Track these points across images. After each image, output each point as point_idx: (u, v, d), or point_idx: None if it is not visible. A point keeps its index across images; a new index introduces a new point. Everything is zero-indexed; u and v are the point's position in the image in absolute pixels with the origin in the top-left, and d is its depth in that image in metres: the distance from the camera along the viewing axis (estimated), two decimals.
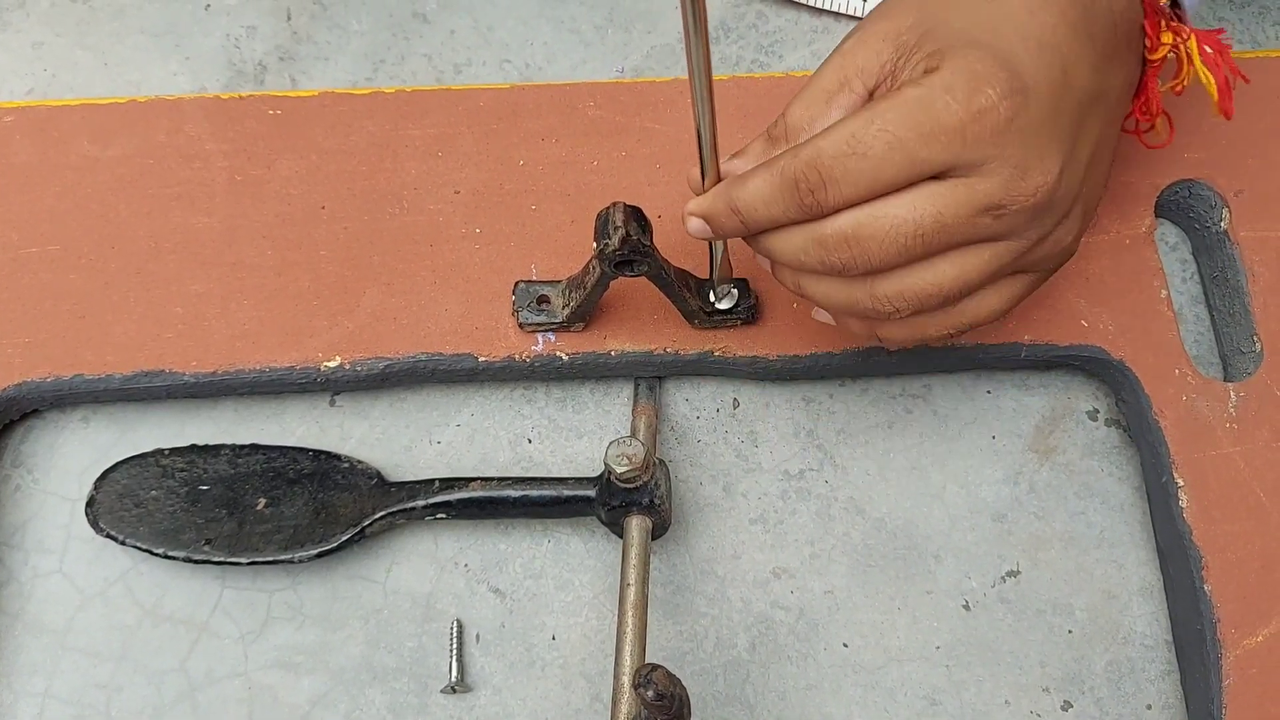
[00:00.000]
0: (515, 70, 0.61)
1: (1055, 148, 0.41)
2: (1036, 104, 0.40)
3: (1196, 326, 0.57)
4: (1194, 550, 0.49)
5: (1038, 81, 0.40)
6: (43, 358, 0.51)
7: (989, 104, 0.39)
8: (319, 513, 0.50)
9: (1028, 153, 0.40)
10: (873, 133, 0.39)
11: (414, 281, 0.53)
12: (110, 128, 0.55)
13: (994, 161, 0.39)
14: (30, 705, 0.48)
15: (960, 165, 0.39)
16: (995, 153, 0.39)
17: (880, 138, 0.39)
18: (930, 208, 0.40)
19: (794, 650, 0.50)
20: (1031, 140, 0.40)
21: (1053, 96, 0.41)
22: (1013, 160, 0.39)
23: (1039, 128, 0.40)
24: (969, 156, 0.39)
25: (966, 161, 0.39)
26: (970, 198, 0.40)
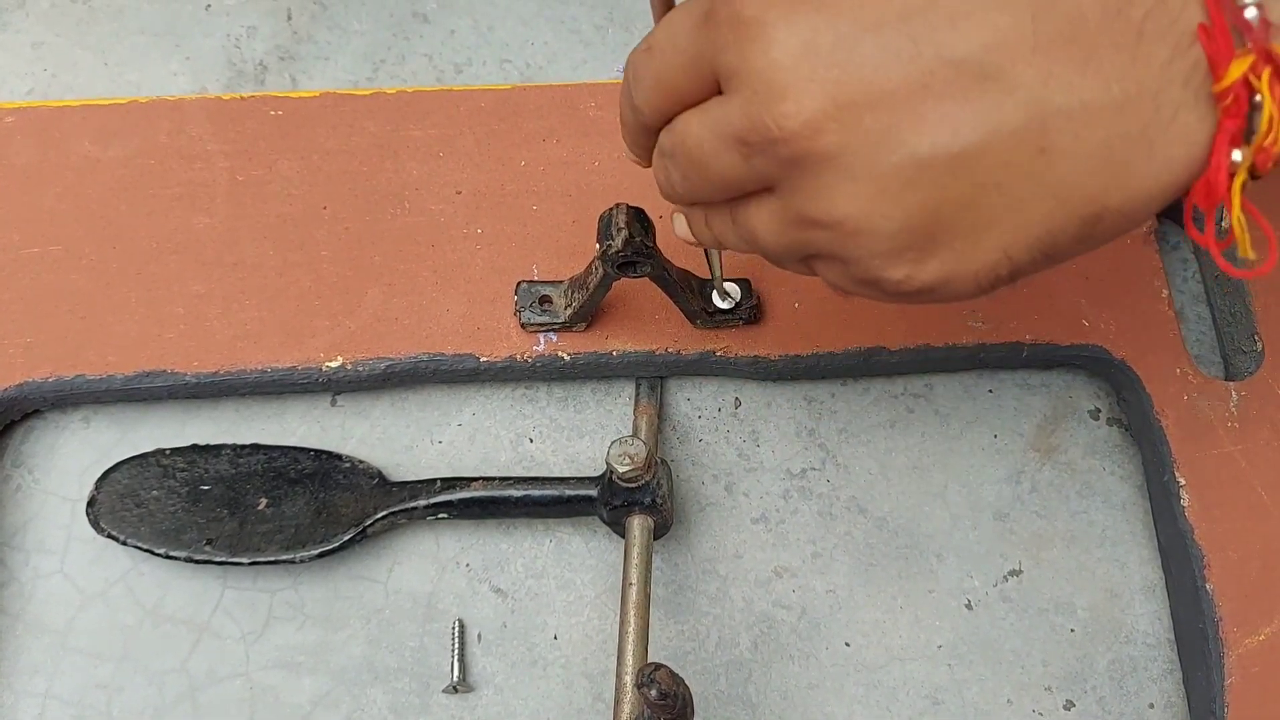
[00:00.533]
0: (516, 70, 0.61)
1: (830, 85, 0.30)
2: (820, 16, 0.30)
3: (1198, 326, 0.57)
4: (1195, 549, 0.50)
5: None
6: (44, 358, 0.51)
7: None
8: (320, 512, 0.50)
9: (781, 73, 0.30)
10: (661, 26, 0.34)
11: (415, 282, 0.53)
12: (111, 128, 0.55)
13: (740, 75, 0.31)
14: (31, 705, 0.48)
15: (720, 72, 0.32)
16: (738, 61, 0.31)
17: (664, 29, 0.34)
18: (697, 128, 0.33)
19: (796, 649, 0.50)
20: (788, 54, 0.30)
21: (863, 21, 0.30)
22: (756, 72, 0.31)
23: (809, 49, 0.30)
24: (719, 57, 0.32)
25: (720, 66, 0.32)
26: (718, 118, 0.32)
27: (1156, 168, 0.30)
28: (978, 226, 0.31)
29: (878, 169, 0.30)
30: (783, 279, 0.54)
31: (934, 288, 0.33)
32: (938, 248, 0.32)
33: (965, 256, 0.32)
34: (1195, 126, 0.30)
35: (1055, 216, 0.31)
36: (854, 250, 0.32)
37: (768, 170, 0.32)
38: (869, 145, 0.30)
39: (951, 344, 0.53)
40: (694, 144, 0.34)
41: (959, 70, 0.29)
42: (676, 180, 0.36)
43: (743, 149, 0.32)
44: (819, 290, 0.53)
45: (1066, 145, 0.30)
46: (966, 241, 0.32)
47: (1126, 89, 0.29)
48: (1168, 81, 0.29)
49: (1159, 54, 0.29)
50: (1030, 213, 0.31)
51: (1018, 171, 0.30)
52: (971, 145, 0.30)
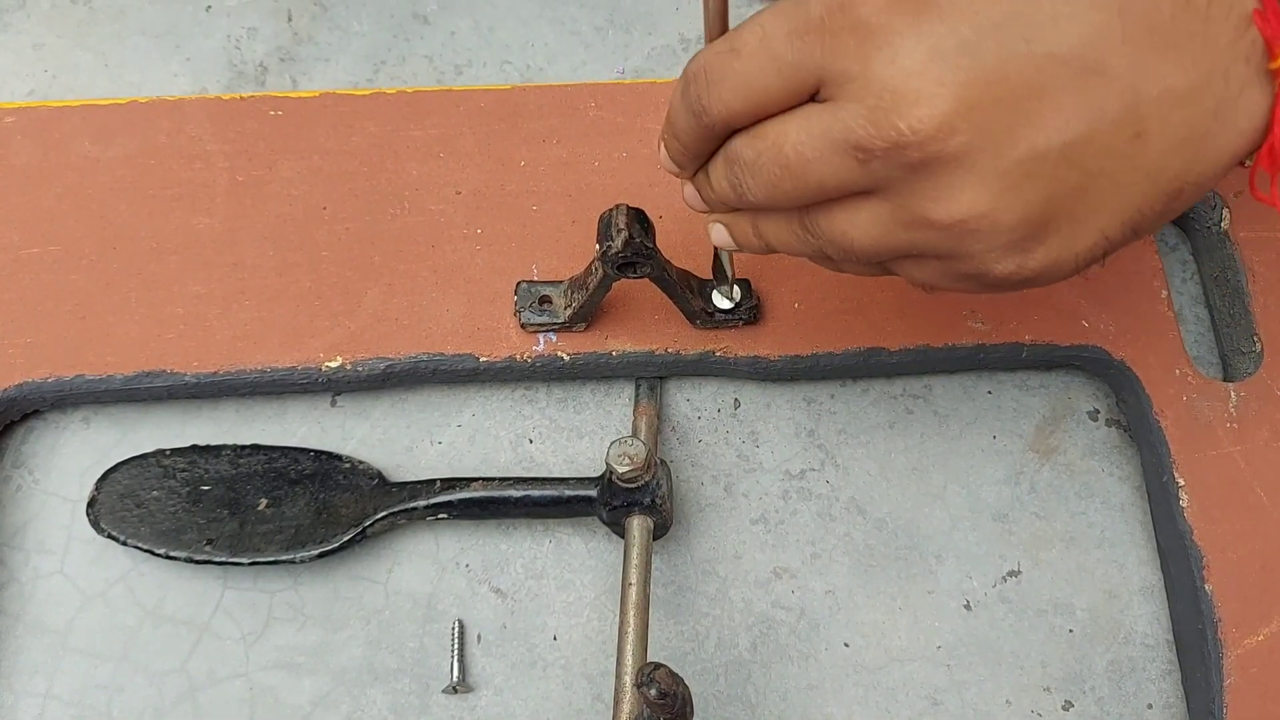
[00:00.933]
0: (516, 71, 0.61)
1: (959, 88, 0.31)
2: (943, 22, 0.31)
3: (1197, 327, 0.57)
4: (1194, 550, 0.50)
5: (960, 3, 0.32)
6: (44, 358, 0.51)
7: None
8: (320, 513, 0.50)
9: (910, 79, 0.31)
10: (748, 28, 0.34)
11: (415, 282, 0.53)
12: (111, 128, 0.55)
13: (858, 81, 0.32)
14: (31, 706, 0.48)
15: (827, 79, 0.33)
16: (859, 68, 0.32)
17: (753, 33, 0.34)
18: (796, 134, 0.34)
19: (795, 650, 0.50)
20: (916, 60, 0.31)
21: (981, 26, 0.31)
22: (883, 79, 0.31)
23: (936, 54, 0.31)
24: (832, 65, 0.32)
25: (832, 73, 0.32)
26: (830, 125, 0.33)
27: (1229, 139, 0.33)
28: (1084, 212, 0.34)
29: (1001, 165, 0.32)
30: (783, 280, 0.54)
31: (1040, 274, 0.35)
32: (1048, 235, 0.34)
33: (1070, 242, 0.34)
34: (1258, 99, 0.33)
35: (1148, 195, 0.34)
36: (969, 247, 0.34)
37: (885, 174, 0.33)
38: (994, 143, 0.32)
39: (951, 345, 0.53)
40: (793, 151, 0.34)
41: (1066, 65, 0.31)
42: (752, 189, 0.36)
43: (860, 154, 0.33)
44: (819, 291, 0.53)
45: (1157, 128, 0.32)
46: (1073, 227, 0.34)
47: (1201, 71, 0.32)
48: (1233, 61, 0.32)
49: (1224, 36, 0.32)
50: (1127, 194, 0.33)
51: (1118, 156, 0.33)
52: (1080, 135, 0.32)
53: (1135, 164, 0.33)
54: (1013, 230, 0.33)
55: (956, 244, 0.34)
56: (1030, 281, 0.35)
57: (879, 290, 0.54)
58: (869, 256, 0.36)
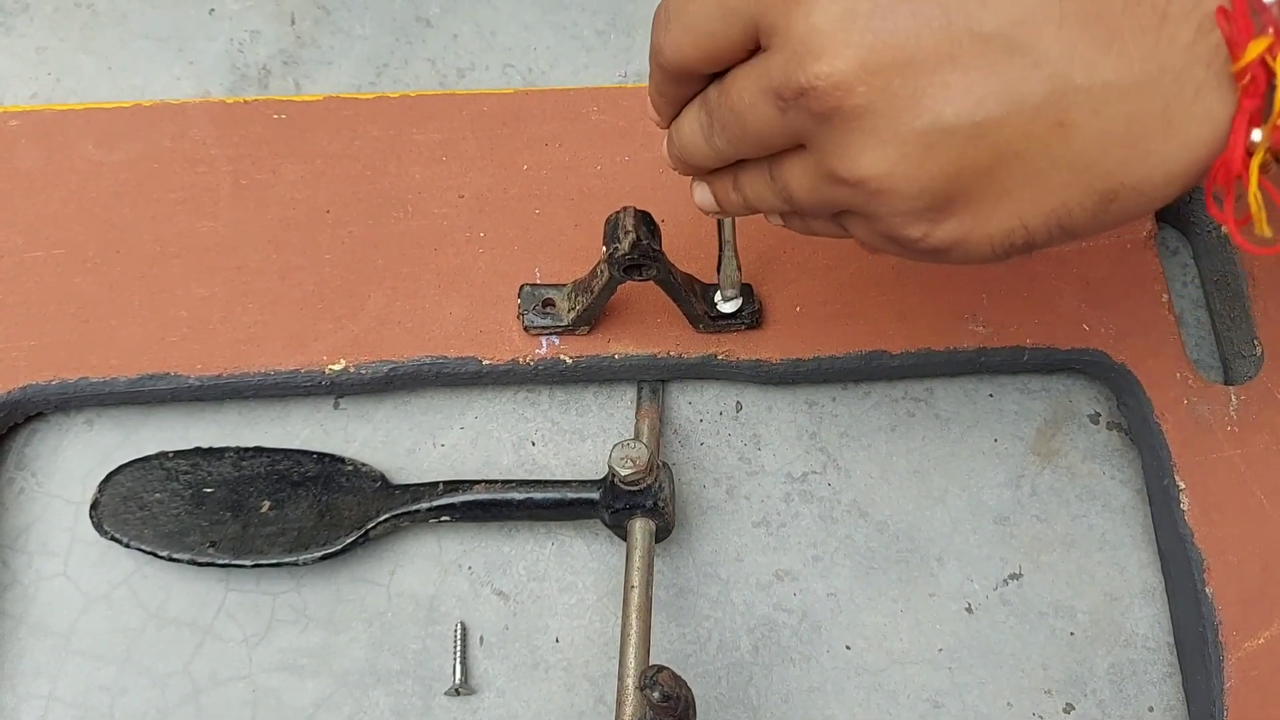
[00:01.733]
0: (518, 75, 0.61)
1: (863, 49, 0.31)
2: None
3: (1197, 330, 0.57)
4: (1195, 553, 0.50)
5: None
6: (47, 361, 0.51)
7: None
8: (323, 515, 0.50)
9: (819, 35, 0.31)
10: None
11: (418, 285, 0.53)
12: (115, 132, 0.55)
13: (781, 33, 0.33)
14: (34, 708, 0.49)
15: (762, 28, 0.33)
16: (783, 21, 0.32)
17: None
18: (741, 81, 0.35)
19: (797, 652, 0.51)
20: (828, 19, 0.31)
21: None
22: (797, 33, 0.32)
23: (849, 14, 0.31)
24: (764, 15, 0.33)
25: (765, 23, 0.33)
26: (760, 73, 0.34)
27: (1175, 146, 0.31)
28: (996, 193, 0.33)
29: (902, 132, 0.32)
30: (785, 284, 0.54)
31: (949, 247, 0.34)
32: (956, 210, 0.33)
33: (982, 220, 0.33)
34: (1216, 106, 0.31)
35: (1071, 189, 0.32)
36: (877, 207, 0.34)
37: (802, 125, 0.33)
38: (895, 108, 0.31)
39: (952, 348, 0.53)
40: (736, 96, 0.35)
41: (987, 43, 0.30)
42: (718, 135, 0.36)
43: (779, 103, 0.33)
44: (820, 295, 0.54)
45: (1085, 121, 0.31)
46: (984, 206, 0.33)
47: (1149, 69, 0.30)
48: (1190, 62, 0.30)
49: (1182, 35, 0.30)
50: (1047, 184, 0.32)
51: (1036, 143, 0.31)
52: (993, 115, 0.31)
53: (1056, 154, 0.32)
54: (915, 198, 0.33)
55: (866, 203, 0.34)
56: (943, 252, 0.35)
57: (880, 294, 0.54)
58: (809, 209, 0.37)
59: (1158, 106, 0.31)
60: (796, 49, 0.32)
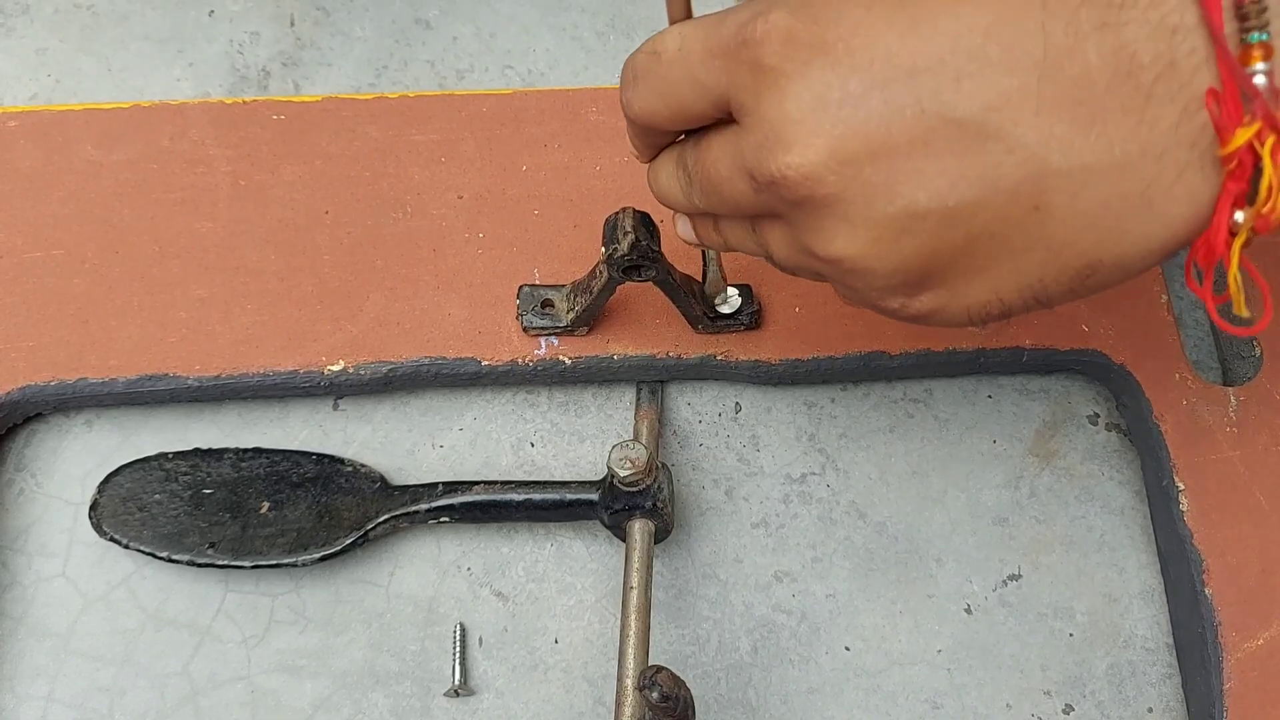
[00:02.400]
0: (517, 76, 0.62)
1: (833, 140, 0.31)
2: (834, 72, 0.31)
3: (1196, 331, 0.57)
4: (1194, 554, 0.50)
5: (861, 44, 0.31)
6: (46, 362, 0.51)
7: (761, 34, 0.32)
8: (322, 516, 0.50)
9: (789, 124, 0.31)
10: (671, 34, 0.35)
11: (417, 286, 0.53)
12: (114, 132, 0.55)
13: (752, 115, 0.33)
14: (33, 709, 0.48)
15: (734, 104, 0.33)
16: (753, 104, 0.32)
17: (674, 41, 0.34)
18: (715, 151, 0.35)
19: (796, 653, 0.51)
20: (799, 108, 0.31)
21: (873, 79, 0.31)
22: (769, 120, 0.32)
23: (819, 103, 0.31)
24: (735, 94, 0.33)
25: (736, 101, 0.33)
26: (733, 150, 0.34)
27: (1156, 226, 0.31)
28: (970, 270, 0.33)
29: (873, 217, 0.32)
30: (784, 285, 0.54)
31: (926, 316, 0.35)
32: (932, 285, 0.34)
33: (958, 295, 0.34)
34: (1199, 187, 0.30)
35: (1048, 267, 0.32)
36: (853, 282, 0.34)
37: (776, 205, 0.34)
38: (866, 195, 0.31)
39: (951, 349, 0.53)
40: (712, 166, 0.35)
41: (960, 129, 0.30)
42: (696, 196, 0.37)
43: (752, 183, 0.33)
44: (820, 296, 0.54)
45: (1061, 204, 0.31)
46: (959, 283, 0.33)
47: (1130, 151, 0.30)
48: (1174, 144, 0.30)
49: (1167, 117, 0.29)
50: (1022, 262, 0.32)
51: (1012, 225, 0.31)
52: (967, 200, 0.31)
53: (1033, 235, 0.31)
54: (889, 276, 0.33)
55: (842, 277, 0.34)
56: (922, 319, 0.35)
57: None
58: (789, 268, 0.37)
59: (1138, 187, 0.30)
60: (767, 136, 0.32)
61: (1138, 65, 0.29)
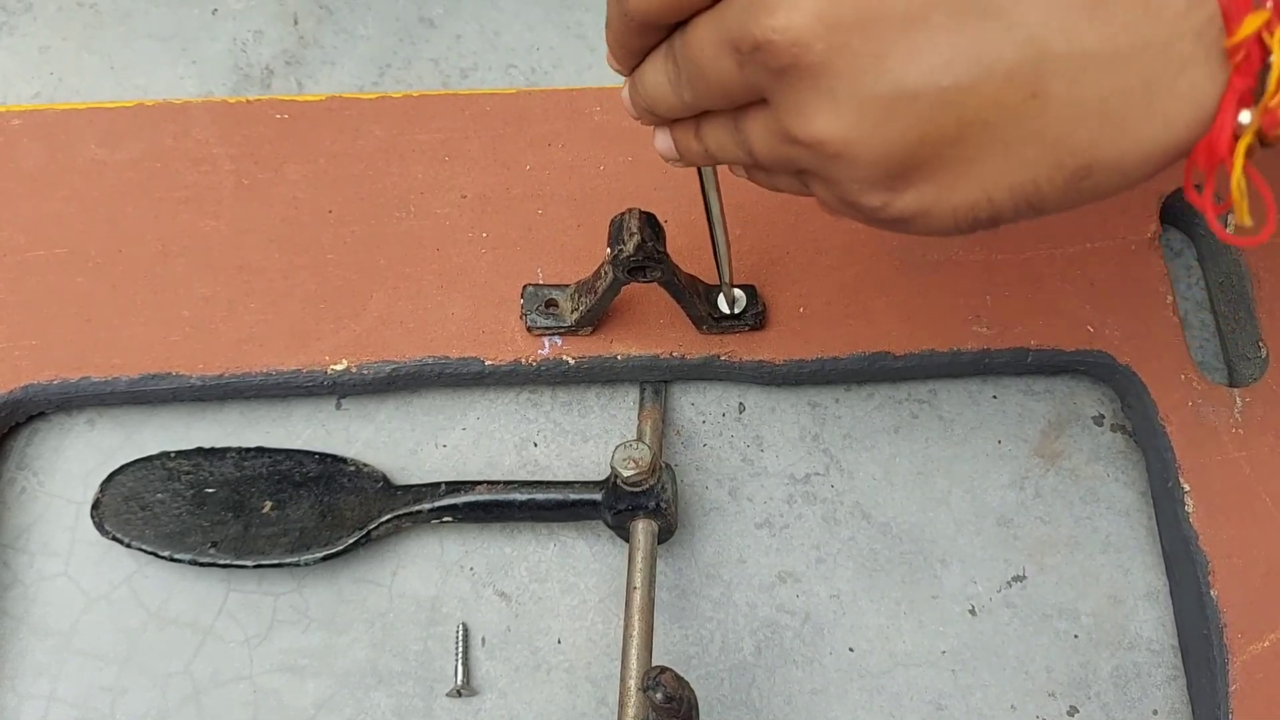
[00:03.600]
0: (521, 75, 0.61)
1: (824, 2, 0.29)
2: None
3: (1202, 332, 0.57)
4: (1200, 555, 0.49)
5: None
6: (49, 360, 0.51)
7: None
8: (325, 516, 0.50)
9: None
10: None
11: (421, 285, 0.53)
12: (117, 131, 0.55)
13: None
14: (35, 708, 0.48)
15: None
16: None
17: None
18: (701, 30, 0.32)
19: (800, 654, 0.50)
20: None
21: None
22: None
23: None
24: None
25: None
26: (719, 22, 0.32)
27: (1155, 124, 0.29)
28: (960, 163, 0.31)
29: (860, 94, 0.30)
30: (788, 285, 0.54)
31: (910, 218, 0.33)
32: (917, 179, 0.31)
33: (944, 191, 0.32)
34: (1202, 84, 0.29)
35: (1041, 163, 0.30)
36: (834, 172, 0.32)
37: (760, 80, 0.31)
38: (854, 69, 0.29)
39: (956, 349, 0.53)
40: (696, 46, 0.33)
41: (961, 3, 0.28)
42: (685, 87, 0.34)
43: (737, 55, 0.31)
44: (824, 296, 0.53)
45: (1060, 91, 0.29)
46: (947, 177, 0.31)
47: (1133, 40, 0.28)
48: (1179, 35, 0.28)
49: (1173, 4, 0.28)
50: (1015, 156, 0.30)
51: (1006, 113, 0.29)
52: (962, 81, 0.29)
53: (1028, 126, 0.29)
54: (873, 165, 0.31)
55: (823, 166, 0.32)
56: (904, 223, 0.33)
57: (884, 295, 0.54)
58: (770, 166, 0.35)
59: (1139, 80, 0.29)
60: (754, 0, 0.30)
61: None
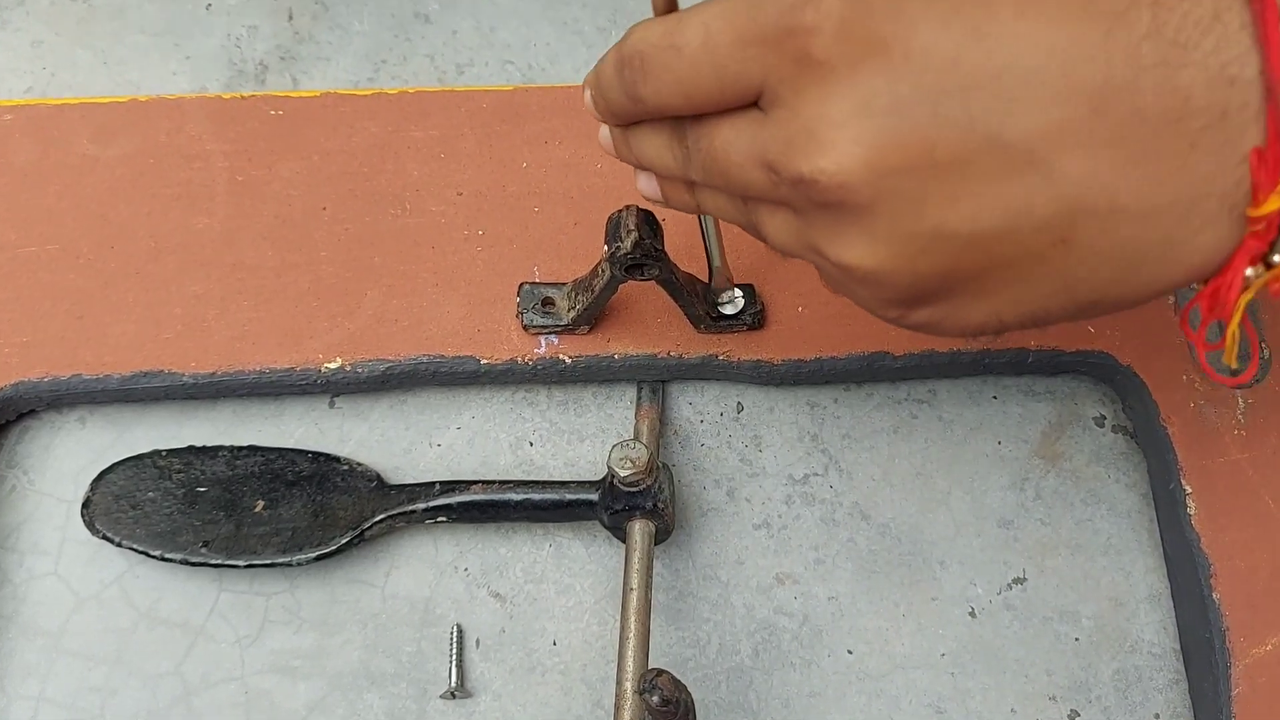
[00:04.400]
0: (518, 72, 0.61)
1: (873, 150, 0.30)
2: (885, 76, 0.29)
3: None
4: (1202, 558, 0.49)
5: (919, 48, 0.29)
6: (40, 358, 0.50)
7: (813, 23, 0.30)
8: (317, 515, 0.49)
9: (828, 126, 0.30)
10: (693, 26, 0.32)
11: (415, 283, 0.53)
12: (110, 127, 0.55)
13: (787, 108, 0.31)
14: (24, 709, 0.48)
15: (765, 93, 0.32)
16: (790, 95, 0.31)
17: (697, 33, 0.32)
18: (727, 135, 0.33)
19: (798, 657, 0.50)
20: (842, 110, 0.30)
21: (926, 88, 0.29)
22: (805, 116, 0.30)
23: (864, 108, 0.29)
24: (770, 84, 0.31)
25: (769, 90, 0.31)
26: (753, 139, 0.32)
27: (1170, 270, 0.31)
28: (978, 292, 0.32)
29: (899, 233, 0.31)
30: (787, 284, 0.53)
31: (920, 327, 0.34)
32: (935, 301, 0.33)
33: (957, 312, 0.33)
34: (1221, 240, 0.30)
35: (1055, 298, 0.32)
36: (856, 289, 0.34)
37: (792, 198, 0.32)
38: (896, 210, 0.30)
39: (956, 349, 0.52)
40: (721, 151, 0.34)
41: (1006, 153, 0.29)
42: (694, 171, 0.35)
43: (771, 176, 0.32)
44: (823, 295, 0.53)
45: (1088, 241, 0.30)
46: (963, 300, 0.33)
47: (1166, 197, 0.29)
48: (1206, 195, 0.29)
49: (1205, 167, 0.29)
50: (1031, 290, 0.32)
51: (1033, 257, 0.31)
52: (997, 227, 0.30)
53: (1052, 268, 0.31)
54: (898, 292, 0.32)
55: (846, 281, 0.34)
56: (913, 329, 0.35)
57: None
58: (783, 253, 0.36)
59: (1163, 233, 0.30)
60: (800, 134, 0.30)
61: (1189, 111, 0.28)
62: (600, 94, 0.37)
